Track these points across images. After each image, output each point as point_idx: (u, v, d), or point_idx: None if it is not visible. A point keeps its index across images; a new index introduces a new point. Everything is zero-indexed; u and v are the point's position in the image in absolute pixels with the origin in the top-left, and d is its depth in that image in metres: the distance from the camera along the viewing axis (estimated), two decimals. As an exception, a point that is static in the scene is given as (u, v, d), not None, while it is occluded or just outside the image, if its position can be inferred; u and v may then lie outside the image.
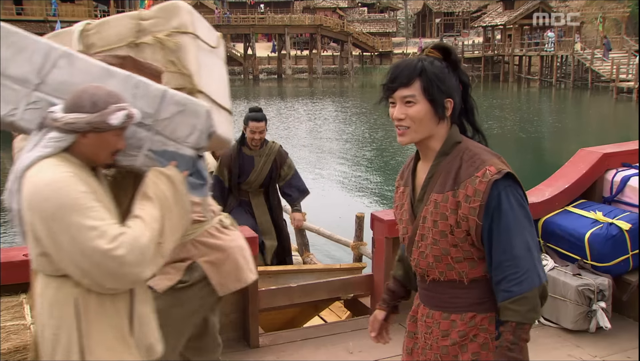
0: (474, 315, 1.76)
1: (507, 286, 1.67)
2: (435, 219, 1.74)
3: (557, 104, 34.18)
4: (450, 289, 1.79)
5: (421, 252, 1.80)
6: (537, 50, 42.47)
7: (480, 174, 1.68)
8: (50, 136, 1.82)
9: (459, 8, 64.42)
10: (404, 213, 1.88)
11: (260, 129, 4.70)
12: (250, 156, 4.82)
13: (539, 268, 1.69)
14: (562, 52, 40.20)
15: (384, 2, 68.97)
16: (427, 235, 1.77)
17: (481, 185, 1.67)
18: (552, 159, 17.28)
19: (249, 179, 4.83)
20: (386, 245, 3.73)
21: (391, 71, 1.75)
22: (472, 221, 1.68)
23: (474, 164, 1.70)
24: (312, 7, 63.93)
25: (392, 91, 1.74)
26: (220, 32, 2.61)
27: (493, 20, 47.79)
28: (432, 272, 1.80)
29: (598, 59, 36.82)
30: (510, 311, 1.67)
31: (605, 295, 3.62)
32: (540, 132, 23.81)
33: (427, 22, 65.86)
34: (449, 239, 1.73)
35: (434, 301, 1.84)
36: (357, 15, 64.43)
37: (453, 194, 1.70)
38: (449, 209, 1.71)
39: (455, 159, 1.74)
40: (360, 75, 53.98)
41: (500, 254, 1.68)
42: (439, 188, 1.74)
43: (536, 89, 40.99)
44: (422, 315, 1.89)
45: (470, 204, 1.68)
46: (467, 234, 1.71)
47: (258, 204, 4.95)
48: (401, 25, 64.19)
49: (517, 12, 45.14)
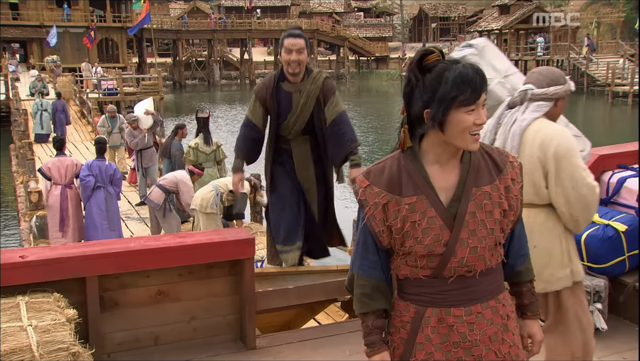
0: (504, 294, 1.88)
1: (523, 251, 1.94)
2: (489, 209, 1.79)
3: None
4: (486, 277, 1.83)
5: (472, 248, 1.77)
6: (533, 55, 42.60)
7: (512, 159, 1.87)
8: (537, 104, 2.62)
9: (455, 13, 64.57)
10: (430, 221, 1.77)
11: (297, 46, 3.73)
12: (288, 92, 3.87)
13: None
14: (557, 57, 40.35)
15: (380, 7, 69.14)
16: (479, 228, 1.78)
17: (517, 168, 1.87)
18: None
19: (287, 121, 3.91)
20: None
21: (469, 77, 1.70)
22: (519, 200, 1.85)
23: (500, 152, 1.88)
24: (308, 12, 64.01)
25: (479, 96, 1.73)
26: (216, 37, 2.63)
27: (489, 24, 47.97)
28: (481, 264, 1.81)
29: (593, 64, 36.97)
30: (530, 271, 1.96)
31: (602, 296, 3.62)
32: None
33: (423, 27, 65.97)
34: (502, 225, 1.82)
35: (470, 296, 1.81)
36: (354, 20, 64.53)
37: (500, 181, 1.82)
38: (501, 195, 1.81)
39: (480, 154, 1.84)
40: (357, 79, 54.05)
41: (520, 225, 1.93)
42: (485, 180, 1.81)
43: (532, 94, 41.04)
44: (456, 317, 1.80)
45: (517, 186, 1.85)
46: (514, 215, 1.85)
47: (300, 154, 4.02)
48: (397, 30, 64.30)
49: (513, 16, 45.31)
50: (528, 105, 2.66)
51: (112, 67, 34.59)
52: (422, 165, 1.80)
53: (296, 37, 3.76)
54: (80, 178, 7.87)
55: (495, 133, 2.75)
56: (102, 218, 7.87)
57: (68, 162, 8.13)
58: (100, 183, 7.87)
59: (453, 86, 1.69)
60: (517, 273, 1.95)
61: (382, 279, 1.88)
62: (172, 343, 3.35)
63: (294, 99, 3.85)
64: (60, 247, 3.72)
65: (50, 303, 2.78)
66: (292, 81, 3.84)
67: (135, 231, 9.33)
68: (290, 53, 3.74)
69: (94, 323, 3.08)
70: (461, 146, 1.76)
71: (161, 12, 58.54)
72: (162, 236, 3.70)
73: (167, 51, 55.87)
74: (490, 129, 2.78)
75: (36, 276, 2.92)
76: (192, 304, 3.40)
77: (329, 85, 3.91)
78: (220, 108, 35.01)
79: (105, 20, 42.17)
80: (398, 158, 1.83)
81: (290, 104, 3.87)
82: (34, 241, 7.93)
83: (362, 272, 1.88)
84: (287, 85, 3.86)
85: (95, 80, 27.69)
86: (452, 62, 1.73)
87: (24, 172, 10.96)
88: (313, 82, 3.85)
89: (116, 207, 8.19)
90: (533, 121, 2.61)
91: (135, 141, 10.88)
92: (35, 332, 2.51)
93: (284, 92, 3.88)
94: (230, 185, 7.32)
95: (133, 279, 3.23)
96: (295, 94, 3.85)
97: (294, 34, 3.80)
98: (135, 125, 10.96)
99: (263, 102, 3.92)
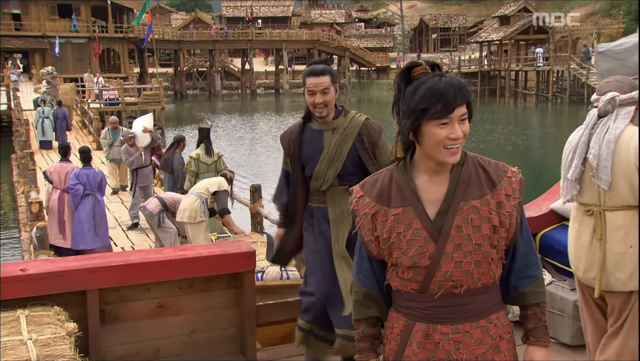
0: (497, 315, 1.83)
1: (530, 272, 1.85)
2: (477, 224, 1.75)
3: (554, 119, 34.33)
4: (476, 296, 1.79)
5: (457, 262, 1.75)
6: (533, 65, 42.74)
7: (510, 174, 1.81)
8: (625, 111, 2.76)
9: (455, 23, 64.89)
10: (415, 233, 1.77)
11: (321, 86, 3.11)
12: (319, 131, 3.24)
13: None
14: (557, 67, 40.46)
15: (381, 17, 69.46)
16: (465, 243, 1.74)
17: (515, 184, 1.80)
18: (549, 173, 17.31)
19: (319, 166, 3.20)
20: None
21: (445, 91, 1.68)
22: (513, 218, 1.79)
23: (498, 167, 1.82)
24: (309, 22, 64.34)
25: (451, 111, 1.69)
26: (217, 47, 2.63)
27: (489, 35, 48.14)
28: (467, 281, 1.76)
29: (594, 74, 37.06)
30: (538, 294, 1.85)
31: None
32: (537, 146, 23.90)
33: (423, 38, 66.28)
34: (491, 240, 1.77)
35: (460, 314, 1.78)
36: (354, 31, 64.82)
37: (491, 196, 1.77)
38: (491, 211, 1.76)
39: (472, 167, 1.80)
40: (358, 90, 54.18)
41: (526, 244, 1.85)
42: (474, 194, 1.77)
43: (532, 104, 41.19)
44: (443, 334, 1.78)
45: (512, 202, 1.78)
46: (507, 232, 1.79)
47: (338, 208, 3.23)
48: (398, 40, 64.58)
49: (513, 27, 45.48)
50: (618, 112, 2.78)
51: (114, 77, 34.75)
52: (411, 177, 1.81)
53: (319, 76, 3.12)
54: (69, 187, 8.06)
55: (588, 142, 2.83)
56: (89, 225, 8.10)
57: (69, 168, 8.31)
58: (88, 191, 8.07)
59: (423, 98, 1.70)
60: (522, 295, 1.86)
61: (375, 288, 1.90)
62: (173, 356, 3.34)
63: (326, 137, 3.21)
64: (61, 260, 3.71)
65: (50, 316, 2.77)
66: (321, 120, 3.23)
67: (136, 242, 9.31)
68: (314, 95, 3.14)
69: (94, 337, 3.07)
70: (439, 159, 1.75)
71: (163, 23, 58.85)
72: (163, 249, 3.70)
73: (168, 61, 56.11)
74: (584, 139, 2.85)
75: (36, 290, 2.91)
76: (193, 317, 3.38)
77: (372, 126, 3.25)
78: (220, 118, 35.09)
79: (107, 31, 42.38)
80: (392, 170, 1.86)
81: (321, 143, 3.21)
82: (34, 252, 7.93)
83: (357, 280, 1.94)
84: (316, 123, 3.25)
85: (97, 90, 27.77)
86: (433, 76, 1.74)
87: (25, 182, 10.96)
88: (351, 121, 3.22)
89: (103, 214, 8.42)
90: (625, 128, 2.74)
91: (131, 160, 10.18)
92: (35, 346, 2.50)
93: (313, 131, 3.26)
94: (209, 186, 7.53)
95: (133, 292, 3.22)
96: (327, 133, 3.21)
97: (316, 72, 3.14)
98: (131, 142, 10.26)
99: (287, 150, 3.32)
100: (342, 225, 3.22)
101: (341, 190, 3.20)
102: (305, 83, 3.17)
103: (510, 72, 45.31)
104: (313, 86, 3.12)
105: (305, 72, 3.20)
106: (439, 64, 1.82)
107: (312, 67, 3.18)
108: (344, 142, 3.18)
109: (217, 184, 7.62)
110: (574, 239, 2.95)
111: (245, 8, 64.45)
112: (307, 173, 3.24)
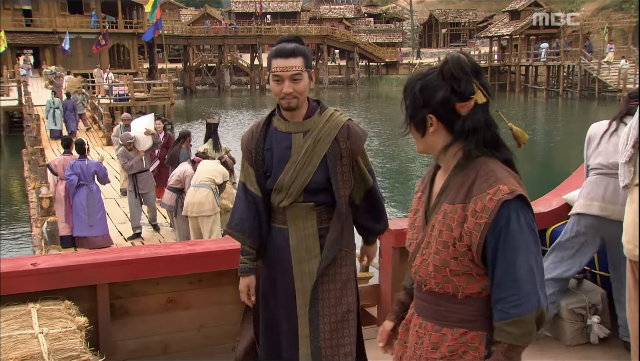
0: (466, 331, 1.73)
1: (504, 307, 1.65)
2: (442, 229, 1.72)
3: (564, 114, 34.11)
4: (445, 302, 1.76)
5: (424, 259, 1.78)
6: (538, 61, 42.51)
7: (492, 191, 1.65)
8: None
9: (465, 18, 64.52)
10: (417, 219, 1.87)
11: (291, 71, 2.42)
12: (286, 133, 2.54)
13: (539, 292, 1.66)
14: (568, 62, 40.17)
15: (390, 12, 69.20)
16: (432, 243, 1.75)
17: (491, 203, 1.64)
18: (559, 169, 17.22)
19: (282, 178, 2.51)
20: (393, 255, 3.72)
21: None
22: (475, 237, 1.66)
23: (488, 180, 1.68)
24: (318, 17, 64.20)
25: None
26: (226, 42, 2.58)
27: (499, 30, 47.83)
28: (429, 281, 1.77)
29: (604, 69, 36.77)
30: (504, 333, 1.66)
31: (599, 309, 3.62)
32: (547, 142, 23.76)
33: (433, 33, 65.97)
34: (450, 251, 1.70)
35: (428, 312, 1.82)
36: (364, 26, 64.61)
37: (463, 208, 1.69)
38: (455, 221, 1.69)
39: (471, 173, 1.72)
40: (367, 85, 54.07)
41: (503, 273, 1.65)
42: (450, 199, 1.73)
43: (543, 99, 40.95)
44: (414, 325, 1.87)
45: (477, 220, 1.65)
46: (467, 249, 1.68)
47: (301, 232, 2.55)
48: (407, 35, 64.32)
49: (524, 22, 45.17)
50: None
51: (124, 73, 34.86)
52: (437, 166, 1.87)
53: (288, 57, 2.41)
54: (65, 177, 8.70)
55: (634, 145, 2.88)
56: (84, 213, 8.64)
57: (71, 160, 8.86)
58: (82, 181, 8.65)
59: None
60: (494, 326, 1.69)
61: None
62: (182, 351, 3.35)
63: (295, 141, 2.51)
64: (71, 255, 3.74)
65: (61, 310, 2.79)
66: (290, 118, 2.54)
67: (146, 237, 9.36)
68: (281, 83, 2.43)
69: (105, 331, 3.09)
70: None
71: (172, 19, 58.93)
72: (172, 244, 3.71)
73: (177, 57, 56.25)
74: (634, 124, 2.87)
75: (47, 284, 2.94)
76: (202, 312, 3.40)
77: (355, 130, 2.57)
78: (229, 113, 35.14)
79: (117, 27, 42.50)
80: None
81: (288, 149, 2.52)
82: (45, 247, 8.01)
83: None
84: (284, 124, 2.54)
85: (107, 86, 27.88)
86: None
87: (36, 178, 11.03)
88: (328, 120, 2.53)
89: (99, 204, 8.83)
90: None
91: (130, 164, 9.28)
92: (46, 340, 2.52)
93: (279, 133, 2.54)
94: (215, 177, 7.66)
95: (143, 287, 3.24)
96: (297, 136, 2.52)
97: (285, 52, 2.42)
98: (130, 147, 9.39)
99: (248, 157, 2.59)
100: (306, 255, 2.54)
101: (306, 208, 2.53)
102: (271, 66, 2.44)
103: (520, 67, 45.03)
104: (280, 70, 2.41)
105: (271, 53, 2.46)
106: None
107: (280, 47, 2.44)
108: (316, 148, 2.50)
109: (221, 175, 7.71)
110: (632, 218, 2.91)
111: (254, 3, 64.41)
112: (269, 185, 2.55)
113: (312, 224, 2.54)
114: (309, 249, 2.55)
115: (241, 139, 2.67)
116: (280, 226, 2.58)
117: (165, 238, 9.28)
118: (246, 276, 2.68)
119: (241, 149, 2.65)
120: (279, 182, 2.51)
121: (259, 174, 2.56)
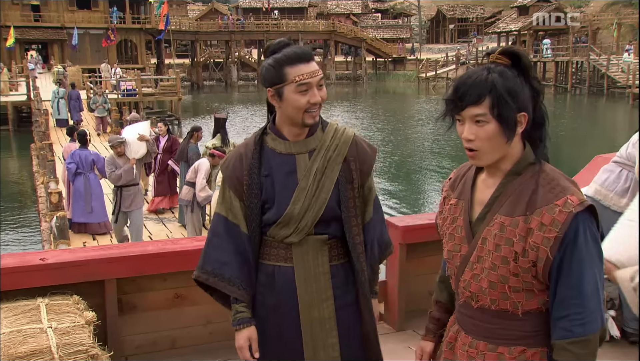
0: (524, 349, 1.61)
1: (568, 325, 1.54)
2: (499, 243, 1.58)
3: (573, 110, 33.92)
4: (500, 319, 1.63)
5: (475, 275, 1.64)
6: (552, 56, 42.26)
7: (561, 203, 1.52)
8: None
9: (473, 14, 64.19)
10: (457, 229, 1.71)
11: (318, 75, 2.04)
12: (288, 155, 2.11)
13: (602, 310, 1.57)
14: (577, 58, 39.94)
15: (398, 8, 68.96)
16: (485, 258, 1.61)
17: (561, 215, 1.51)
18: (568, 165, 17.12)
19: (291, 209, 2.07)
20: (400, 251, 3.72)
21: (458, 85, 1.58)
22: (543, 252, 1.53)
23: (553, 190, 1.55)
24: (325, 13, 64.07)
25: (461, 109, 1.58)
26: (234, 38, 2.54)
27: (507, 26, 47.61)
28: (482, 298, 1.64)
29: (613, 65, 36.54)
30: (567, 352, 1.54)
31: (615, 304, 3.59)
32: (556, 138, 23.62)
33: (440, 28, 65.68)
34: (510, 267, 1.57)
35: (479, 330, 1.67)
36: (371, 21, 64.47)
37: (525, 220, 1.55)
38: (517, 235, 1.55)
39: (529, 182, 1.59)
40: (374, 81, 53.97)
41: (568, 290, 1.54)
42: (508, 210, 1.59)
43: (551, 95, 40.71)
44: (463, 344, 1.71)
45: (545, 234, 1.52)
46: (532, 264, 1.55)
47: (311, 270, 2.11)
48: (415, 31, 64.10)
49: (532, 18, 44.94)
50: None
51: (131, 68, 34.91)
52: (477, 172, 1.73)
53: (310, 61, 2.04)
54: (66, 164, 9.29)
55: None
56: (82, 200, 9.00)
57: (73, 148, 9.57)
58: (81, 170, 9.03)
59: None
60: (554, 344, 1.57)
61: (444, 273, 1.92)
62: (189, 346, 3.37)
63: (300, 163, 2.10)
64: (80, 250, 3.76)
65: (69, 305, 2.81)
66: (293, 137, 2.12)
67: (154, 231, 9.40)
68: (307, 92, 2.02)
69: (113, 326, 3.11)
70: None
71: (179, 14, 58.96)
72: (180, 240, 3.72)
73: (185, 52, 56.26)
74: None
75: (56, 279, 2.95)
76: (209, 308, 3.39)
77: (363, 146, 2.19)
78: (236, 108, 35.17)
79: (125, 22, 42.56)
80: None
81: (292, 173, 2.09)
82: (54, 242, 8.06)
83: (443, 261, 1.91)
84: (283, 144, 2.11)
85: (114, 81, 27.95)
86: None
87: (45, 173, 11.10)
88: (334, 137, 2.14)
89: (98, 192, 9.15)
90: None
91: (118, 173, 7.96)
92: (55, 334, 2.54)
93: (278, 156, 2.11)
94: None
95: (150, 282, 3.26)
96: (301, 157, 2.10)
97: (307, 56, 2.04)
98: (120, 151, 8.09)
99: (238, 186, 2.11)
100: (317, 298, 2.10)
101: (317, 243, 2.11)
102: (287, 76, 2.01)
103: (529, 63, 44.86)
104: (309, 76, 2.01)
105: (284, 59, 2.01)
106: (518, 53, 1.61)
107: (293, 52, 2.03)
108: (327, 171, 2.09)
109: None
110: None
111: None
112: (271, 218, 2.09)
113: (324, 262, 2.11)
114: (320, 291, 2.11)
115: (221, 164, 2.20)
116: (282, 265, 2.11)
117: (172, 233, 9.32)
118: (244, 328, 2.14)
119: (223, 175, 2.17)
120: (286, 214, 2.06)
121: (252, 206, 2.08)
